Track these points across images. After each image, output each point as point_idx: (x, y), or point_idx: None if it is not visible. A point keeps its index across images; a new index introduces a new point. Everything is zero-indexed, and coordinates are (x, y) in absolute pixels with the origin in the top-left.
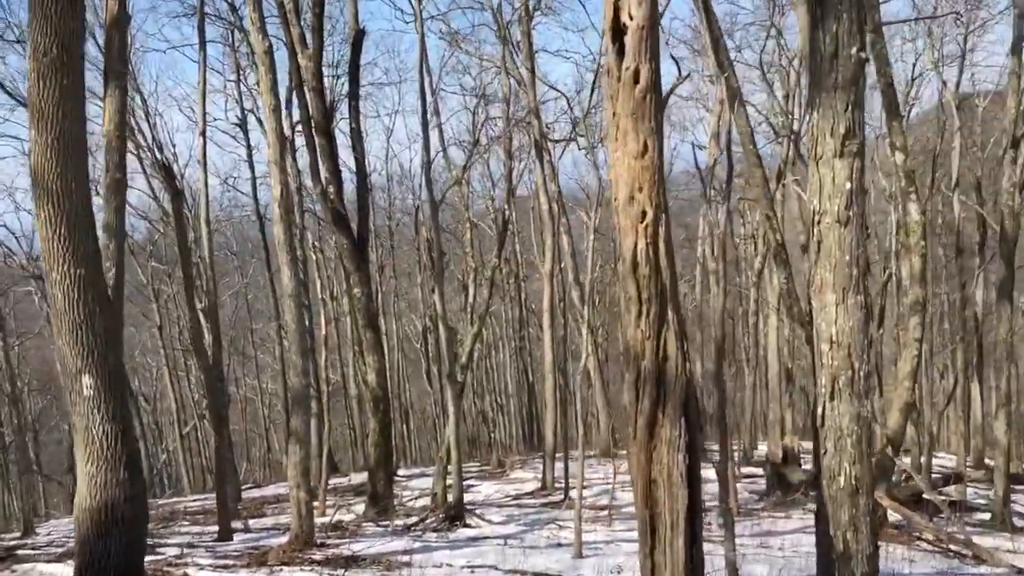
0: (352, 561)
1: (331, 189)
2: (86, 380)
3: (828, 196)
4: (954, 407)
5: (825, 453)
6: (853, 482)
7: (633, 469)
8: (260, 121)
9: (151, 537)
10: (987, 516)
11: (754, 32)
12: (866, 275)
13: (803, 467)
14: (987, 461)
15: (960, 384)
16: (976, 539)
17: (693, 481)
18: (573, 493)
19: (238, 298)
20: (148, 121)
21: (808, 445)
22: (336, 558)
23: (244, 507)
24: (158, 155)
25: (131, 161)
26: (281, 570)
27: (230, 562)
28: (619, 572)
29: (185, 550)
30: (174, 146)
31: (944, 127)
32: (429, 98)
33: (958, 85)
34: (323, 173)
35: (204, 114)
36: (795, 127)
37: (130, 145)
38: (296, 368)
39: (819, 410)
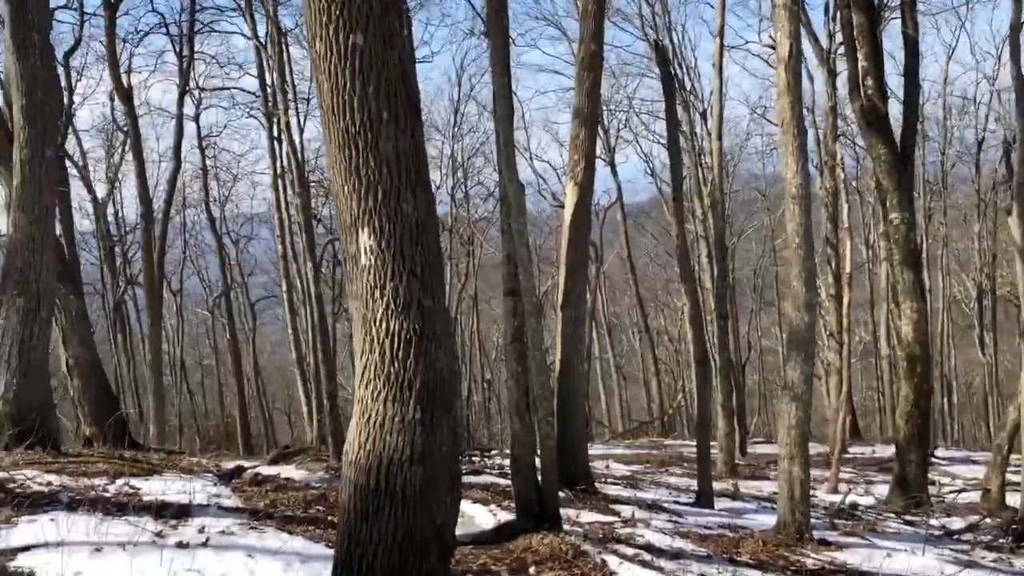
0: None
1: (868, 82)
2: (365, 239)
3: None
4: None
5: None
6: None
7: None
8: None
9: (632, 485)
10: None
11: None
12: None
13: None
14: None
15: None
16: None
17: None
18: None
19: (765, 241)
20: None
21: None
22: (831, 572)
23: (747, 463)
24: (652, 35)
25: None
26: (746, 573)
27: (689, 546)
28: None
29: (640, 512)
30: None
31: None
32: None
33: None
34: (860, 61)
35: (723, 12)
36: None
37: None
38: (798, 300)
39: None
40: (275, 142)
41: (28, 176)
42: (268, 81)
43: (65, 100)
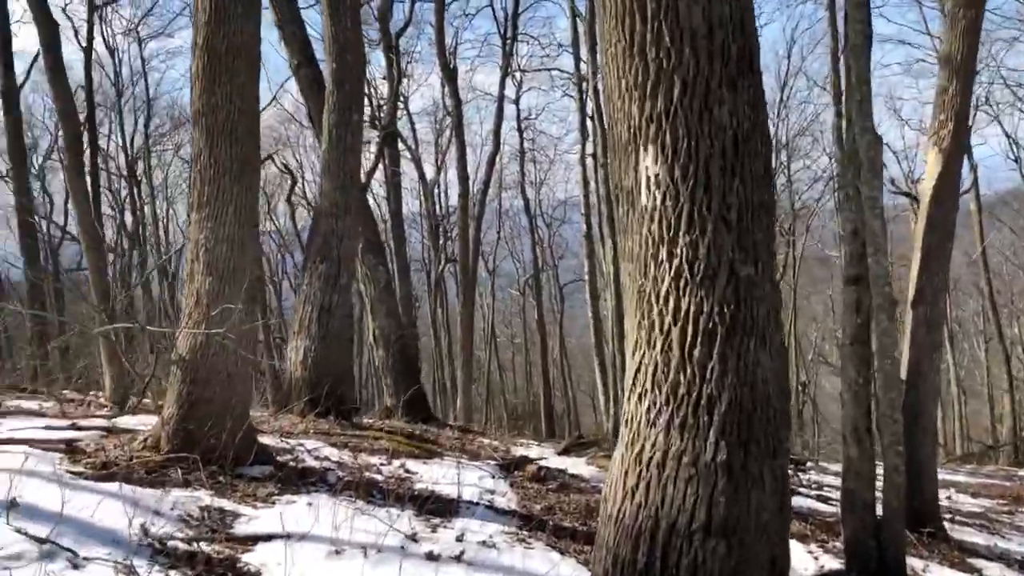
0: None
1: None
2: (648, 163)
3: None
4: None
5: None
6: None
7: None
8: None
9: (986, 527)
10: None
11: None
12: None
13: None
14: None
15: None
16: None
17: None
18: None
19: None
20: None
21: None
22: None
23: None
24: None
25: None
26: None
27: None
28: None
29: (1009, 573)
30: None
31: None
32: None
33: None
34: None
35: None
36: None
37: None
38: None
39: None
40: (586, 118)
41: (335, 140)
42: (582, 55)
43: (395, 81)
